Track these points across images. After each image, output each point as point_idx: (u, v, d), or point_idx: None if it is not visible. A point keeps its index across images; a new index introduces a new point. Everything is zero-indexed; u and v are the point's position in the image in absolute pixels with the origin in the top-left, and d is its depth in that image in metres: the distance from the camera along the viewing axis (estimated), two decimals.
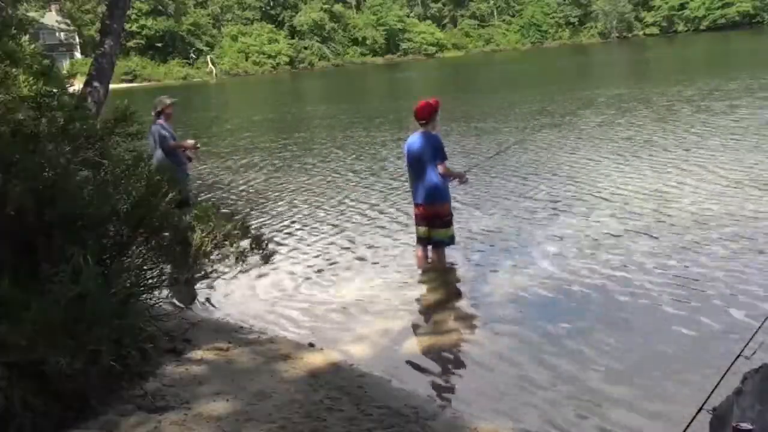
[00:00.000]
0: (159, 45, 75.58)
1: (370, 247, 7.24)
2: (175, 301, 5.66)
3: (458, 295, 5.87)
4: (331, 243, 7.49)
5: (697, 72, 28.32)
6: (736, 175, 8.90)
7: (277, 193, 10.61)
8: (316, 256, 7.06)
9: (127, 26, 52.25)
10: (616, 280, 5.67)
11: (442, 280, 6.16)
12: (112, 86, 6.86)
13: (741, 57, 35.81)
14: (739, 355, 2.72)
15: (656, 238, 6.65)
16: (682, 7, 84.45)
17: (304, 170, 12.63)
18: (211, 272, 4.62)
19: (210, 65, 75.77)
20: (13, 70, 4.17)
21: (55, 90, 4.46)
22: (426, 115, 6.21)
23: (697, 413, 2.44)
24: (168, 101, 7.68)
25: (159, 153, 7.32)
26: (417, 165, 6.24)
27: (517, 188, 9.33)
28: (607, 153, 11.36)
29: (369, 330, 5.10)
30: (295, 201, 9.89)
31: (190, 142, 7.96)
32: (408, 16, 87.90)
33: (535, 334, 4.84)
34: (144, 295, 4.22)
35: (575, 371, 4.22)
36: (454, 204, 6.63)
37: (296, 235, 7.98)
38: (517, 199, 8.70)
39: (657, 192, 8.38)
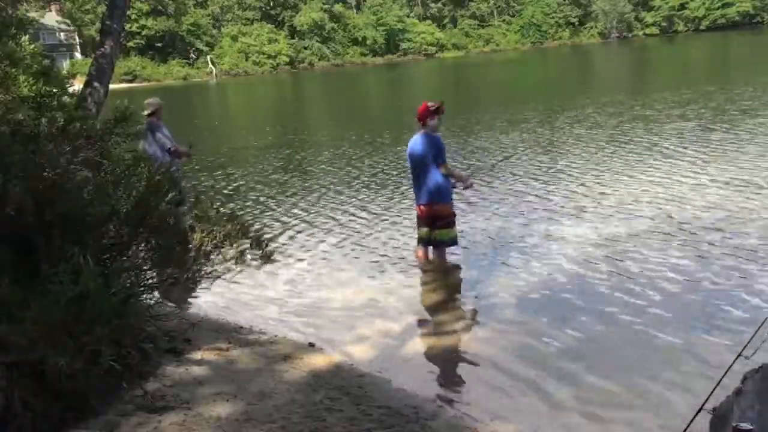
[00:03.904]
0: (159, 45, 75.61)
1: (371, 247, 7.24)
2: (175, 301, 5.65)
3: (459, 295, 5.87)
4: (332, 243, 7.49)
5: (699, 74, 28.34)
6: (737, 177, 8.89)
7: (277, 194, 10.61)
8: (316, 256, 7.06)
9: (127, 26, 52.33)
10: (617, 281, 5.67)
11: (442, 280, 6.16)
12: (112, 86, 6.85)
13: (745, 58, 35.82)
14: (739, 355, 2.72)
15: (657, 240, 6.64)
16: (682, 7, 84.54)
17: (304, 170, 12.63)
18: (211, 272, 4.61)
19: (210, 65, 75.80)
20: (13, 70, 4.17)
21: (55, 90, 4.47)
22: (425, 117, 6.23)
23: (697, 413, 2.44)
24: (161, 102, 8.00)
25: (159, 153, 7.50)
26: (419, 166, 6.26)
27: (519, 190, 9.31)
28: (610, 157, 11.32)
29: (369, 330, 5.10)
30: (295, 201, 9.89)
31: (184, 149, 8.20)
32: (408, 16, 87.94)
33: (535, 334, 4.83)
34: (144, 295, 4.22)
35: (575, 371, 4.21)
36: (456, 204, 6.63)
37: (296, 235, 7.97)
38: (519, 201, 8.69)
39: (658, 195, 8.36)
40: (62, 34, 70.61)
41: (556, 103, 19.95)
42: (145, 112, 7.69)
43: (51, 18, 65.18)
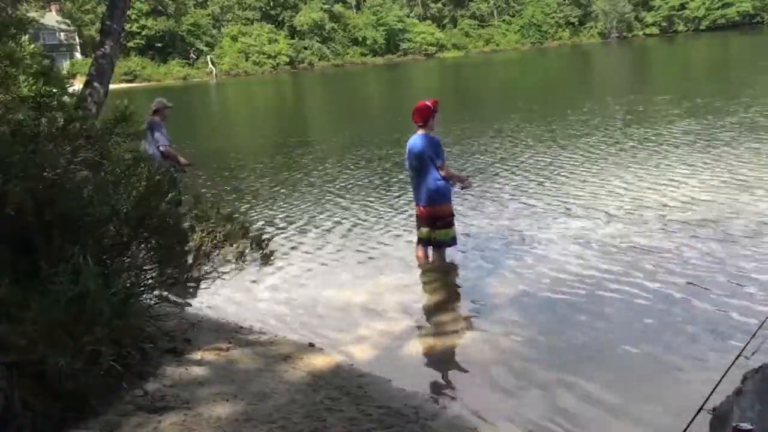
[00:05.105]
0: (159, 45, 75.62)
1: (371, 247, 7.24)
2: (175, 301, 5.65)
3: (458, 296, 5.87)
4: (331, 243, 7.49)
5: (699, 74, 28.34)
6: (736, 177, 8.89)
7: (277, 193, 10.61)
8: (316, 257, 7.05)
9: (127, 26, 52.34)
10: (617, 281, 5.66)
11: (442, 280, 6.16)
12: (112, 86, 6.85)
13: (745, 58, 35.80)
14: (739, 355, 2.72)
15: (657, 241, 6.64)
16: (682, 7, 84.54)
17: (304, 170, 12.63)
18: (211, 272, 4.61)
19: (210, 65, 75.81)
20: (13, 70, 4.17)
21: (55, 90, 4.47)
22: (422, 118, 6.21)
23: (697, 413, 2.44)
24: (168, 103, 8.02)
25: (158, 153, 7.52)
26: (418, 166, 6.25)
27: (519, 190, 9.32)
28: (610, 157, 11.34)
29: (369, 330, 5.10)
30: (295, 201, 9.89)
31: (184, 161, 8.18)
32: (408, 16, 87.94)
33: (535, 335, 4.83)
34: (144, 295, 4.22)
35: (575, 371, 4.21)
36: (456, 205, 6.63)
37: (296, 235, 7.97)
38: (519, 201, 8.69)
39: (658, 196, 8.36)
40: (62, 34, 70.63)
41: (556, 103, 19.95)
42: (150, 111, 7.74)
43: (51, 18, 65.19)
